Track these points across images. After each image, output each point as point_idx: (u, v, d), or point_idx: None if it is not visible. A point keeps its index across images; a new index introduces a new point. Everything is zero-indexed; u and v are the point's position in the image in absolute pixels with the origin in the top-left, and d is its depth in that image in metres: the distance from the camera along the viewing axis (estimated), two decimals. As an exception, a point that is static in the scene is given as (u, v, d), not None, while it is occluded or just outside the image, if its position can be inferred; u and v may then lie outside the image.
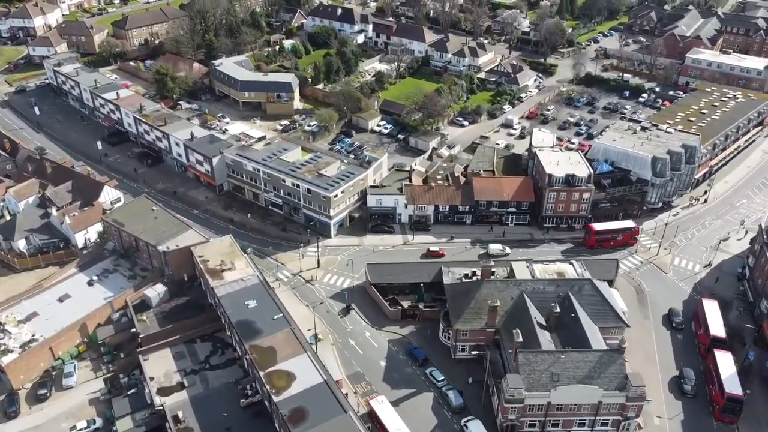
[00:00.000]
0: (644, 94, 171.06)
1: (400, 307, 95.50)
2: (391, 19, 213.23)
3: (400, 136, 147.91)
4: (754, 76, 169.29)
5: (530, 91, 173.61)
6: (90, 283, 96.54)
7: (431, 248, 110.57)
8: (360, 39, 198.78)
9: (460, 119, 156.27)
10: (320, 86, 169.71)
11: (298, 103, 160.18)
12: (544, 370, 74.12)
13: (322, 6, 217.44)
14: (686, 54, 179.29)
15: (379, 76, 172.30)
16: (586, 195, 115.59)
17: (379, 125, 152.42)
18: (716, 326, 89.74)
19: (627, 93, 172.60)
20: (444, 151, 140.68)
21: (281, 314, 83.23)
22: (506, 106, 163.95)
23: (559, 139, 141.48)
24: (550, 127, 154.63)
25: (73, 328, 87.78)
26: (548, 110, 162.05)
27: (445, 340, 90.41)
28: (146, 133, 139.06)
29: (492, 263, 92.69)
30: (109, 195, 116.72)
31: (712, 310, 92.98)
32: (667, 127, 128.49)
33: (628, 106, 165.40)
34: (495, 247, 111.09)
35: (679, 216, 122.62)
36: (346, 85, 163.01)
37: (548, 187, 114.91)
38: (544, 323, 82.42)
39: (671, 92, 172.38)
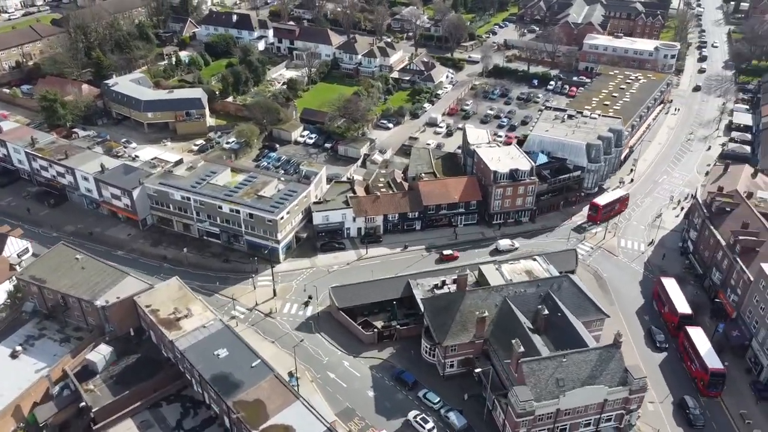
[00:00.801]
0: (551, 82, 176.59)
1: (375, 330, 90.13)
2: (291, 23, 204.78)
3: (327, 145, 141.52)
4: (647, 57, 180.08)
5: (445, 87, 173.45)
6: (14, 355, 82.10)
7: (445, 252, 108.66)
8: (261, 46, 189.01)
9: (384, 122, 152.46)
10: (230, 99, 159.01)
11: (210, 120, 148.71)
12: (549, 376, 72.14)
13: (214, 13, 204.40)
14: (583, 40, 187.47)
15: (292, 83, 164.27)
16: (531, 188, 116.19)
17: (302, 136, 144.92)
18: (681, 304, 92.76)
19: (536, 82, 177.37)
20: (377, 157, 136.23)
21: (258, 360, 74.96)
22: (426, 105, 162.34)
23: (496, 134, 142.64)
24: (473, 121, 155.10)
25: (4, 415, 73.90)
26: (467, 105, 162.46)
27: (429, 357, 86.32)
28: (43, 170, 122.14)
29: (467, 271, 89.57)
30: (14, 247, 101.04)
31: (672, 287, 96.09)
32: (591, 114, 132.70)
33: (540, 95, 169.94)
34: (505, 243, 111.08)
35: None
36: (261, 96, 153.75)
37: (494, 184, 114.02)
38: (531, 327, 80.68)
39: (575, 78, 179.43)
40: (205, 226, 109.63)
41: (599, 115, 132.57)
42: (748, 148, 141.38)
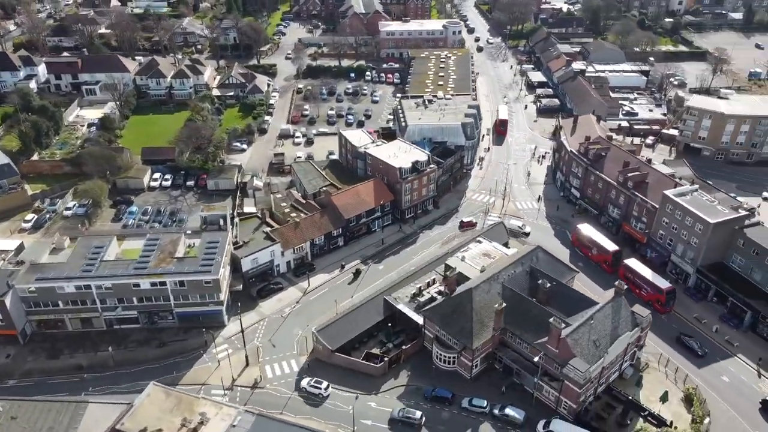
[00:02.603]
0: (368, 73, 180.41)
1: (384, 359, 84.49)
2: (66, 54, 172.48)
3: (190, 183, 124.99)
4: (438, 36, 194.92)
5: (273, 96, 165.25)
6: None
7: (464, 219, 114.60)
8: (33, 86, 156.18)
9: (237, 143, 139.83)
10: (36, 157, 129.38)
11: (28, 188, 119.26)
12: (588, 341, 76.55)
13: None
14: (377, 29, 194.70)
15: (107, 122, 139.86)
16: (432, 176, 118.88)
17: (155, 179, 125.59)
18: (608, 243, 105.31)
19: (353, 75, 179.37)
20: (258, 183, 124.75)
21: (321, 436, 65.14)
22: (267, 117, 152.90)
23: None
24: (320, 124, 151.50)
25: None
26: (307, 110, 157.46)
27: (446, 365, 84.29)
28: None
29: (456, 271, 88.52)
30: None
31: (591, 231, 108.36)
32: (445, 95, 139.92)
33: (366, 87, 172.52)
34: (515, 223, 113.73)
35: (486, 168, 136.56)
36: (92, 144, 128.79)
37: (402, 181, 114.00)
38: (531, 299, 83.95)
39: (384, 66, 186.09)
40: (117, 313, 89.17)
41: (452, 95, 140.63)
42: (557, 101, 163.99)
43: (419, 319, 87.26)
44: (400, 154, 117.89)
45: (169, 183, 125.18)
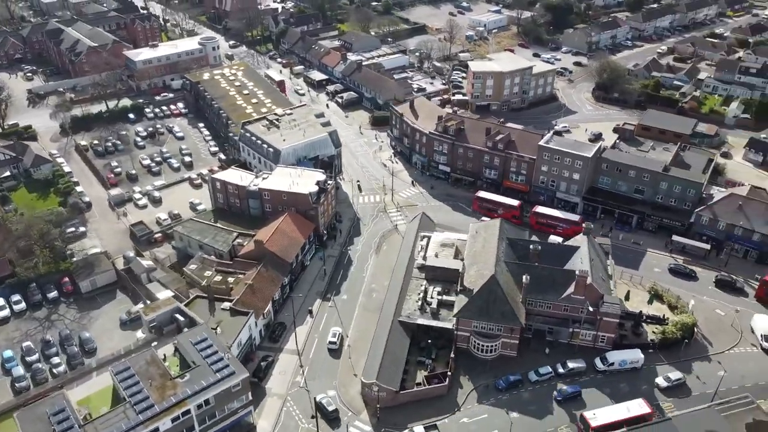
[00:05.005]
0: (147, 110, 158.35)
1: (441, 376, 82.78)
2: None
3: (53, 295, 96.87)
4: (198, 54, 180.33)
5: (59, 162, 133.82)
6: None
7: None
8: None
9: (72, 228, 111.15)
10: None
11: None
12: (599, 278, 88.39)
13: None
14: (129, 59, 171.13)
15: None
16: (333, 192, 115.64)
17: None
18: (509, 200, 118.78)
19: (131, 116, 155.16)
20: (147, 262, 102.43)
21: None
22: (78, 188, 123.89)
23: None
24: (144, 178, 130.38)
25: None
26: (118, 168, 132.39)
27: (485, 355, 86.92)
28: None
29: (462, 265, 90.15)
30: None
31: (489, 195, 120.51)
32: (284, 111, 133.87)
33: (159, 125, 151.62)
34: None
35: (345, 172, 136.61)
36: None
37: (318, 205, 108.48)
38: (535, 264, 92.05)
39: (157, 97, 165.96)
40: (133, 478, 67.39)
41: (290, 109, 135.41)
42: (355, 94, 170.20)
43: (446, 325, 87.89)
44: (296, 180, 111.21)
45: (23, 305, 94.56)
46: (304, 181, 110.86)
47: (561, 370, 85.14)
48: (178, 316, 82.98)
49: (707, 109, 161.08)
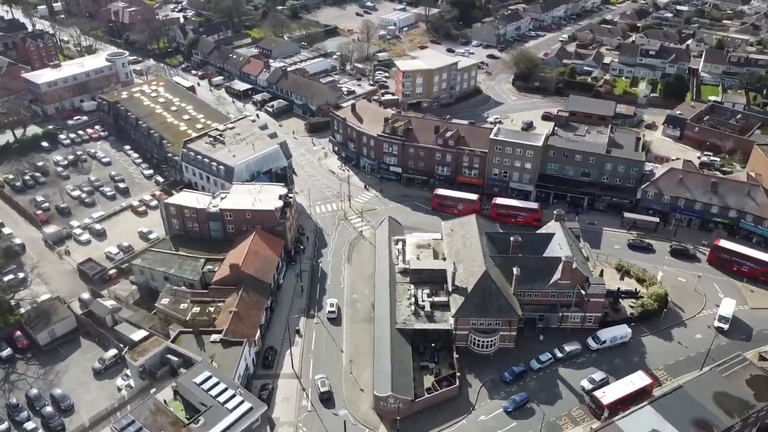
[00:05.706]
0: (61, 136, 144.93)
1: (450, 378, 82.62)
2: None
3: (6, 353, 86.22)
4: (108, 72, 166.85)
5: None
6: None
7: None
8: None
9: (11, 275, 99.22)
10: None
11: None
12: (580, 261, 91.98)
13: None
14: (29, 81, 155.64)
15: None
16: (294, 205, 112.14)
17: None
18: (468, 195, 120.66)
19: (46, 144, 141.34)
20: (109, 302, 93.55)
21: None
22: (5, 229, 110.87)
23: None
24: (77, 211, 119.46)
25: None
26: (45, 203, 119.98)
27: (484, 350, 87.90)
28: None
29: (454, 264, 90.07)
30: None
31: (449, 192, 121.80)
32: (225, 126, 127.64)
33: (80, 152, 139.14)
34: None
35: (296, 183, 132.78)
36: None
37: (284, 220, 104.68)
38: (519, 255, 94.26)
39: (70, 122, 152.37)
40: None
41: (232, 123, 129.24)
42: (285, 102, 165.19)
43: (444, 326, 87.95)
44: (258, 197, 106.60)
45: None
46: (266, 197, 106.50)
47: (559, 355, 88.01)
48: (170, 356, 76.71)
49: (621, 91, 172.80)
